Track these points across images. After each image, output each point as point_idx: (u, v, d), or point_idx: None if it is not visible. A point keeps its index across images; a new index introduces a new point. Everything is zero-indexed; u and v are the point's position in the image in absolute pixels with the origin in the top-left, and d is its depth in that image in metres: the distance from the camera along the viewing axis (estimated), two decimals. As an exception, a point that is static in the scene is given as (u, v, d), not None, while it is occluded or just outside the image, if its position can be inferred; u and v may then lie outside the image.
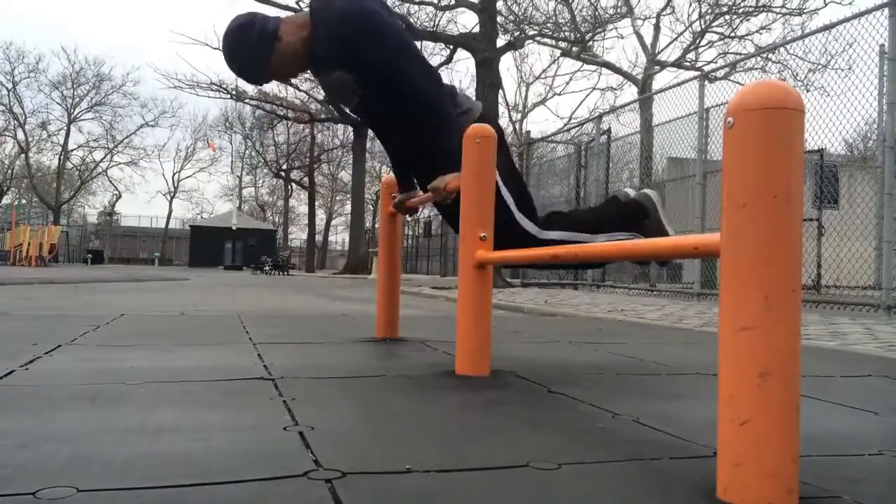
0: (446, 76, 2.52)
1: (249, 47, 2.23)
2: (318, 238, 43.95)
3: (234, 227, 41.63)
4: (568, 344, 3.01)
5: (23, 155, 44.36)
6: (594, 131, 11.09)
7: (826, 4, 17.05)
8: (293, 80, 26.42)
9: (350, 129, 29.06)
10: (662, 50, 21.31)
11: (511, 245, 2.17)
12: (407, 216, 2.93)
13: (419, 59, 2.28)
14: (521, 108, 27.76)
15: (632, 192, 2.54)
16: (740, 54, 19.03)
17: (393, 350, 2.67)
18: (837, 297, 6.84)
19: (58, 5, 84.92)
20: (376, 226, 33.69)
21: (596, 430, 1.39)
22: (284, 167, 40.74)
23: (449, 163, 2.16)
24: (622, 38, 32.84)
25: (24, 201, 48.42)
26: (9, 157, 45.83)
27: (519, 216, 2.30)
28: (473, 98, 2.56)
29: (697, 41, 20.38)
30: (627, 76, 21.73)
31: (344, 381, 1.92)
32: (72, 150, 46.17)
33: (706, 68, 17.02)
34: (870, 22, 6.07)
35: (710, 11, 19.59)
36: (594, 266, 2.70)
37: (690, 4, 21.98)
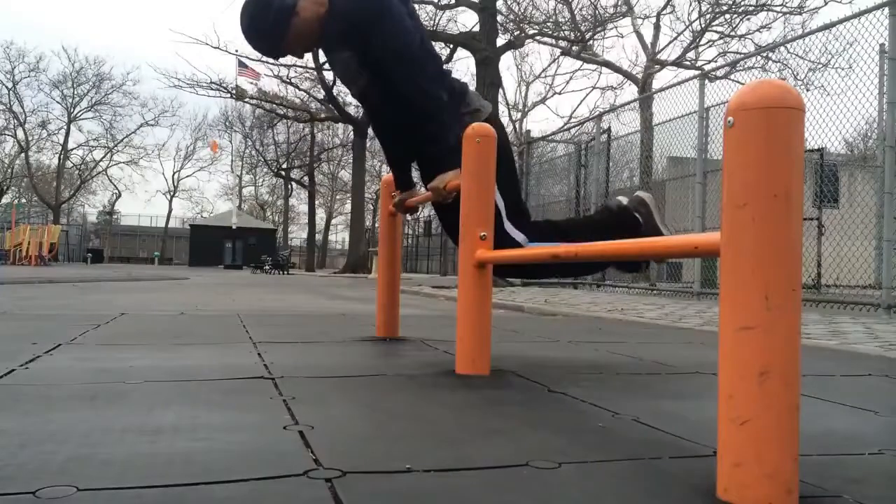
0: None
1: (267, 21, 2.25)
2: (318, 237, 43.97)
3: (233, 227, 41.59)
4: (568, 343, 3.01)
5: (23, 154, 44.36)
6: (594, 130, 11.08)
7: (826, 3, 17.03)
8: (293, 80, 26.45)
9: (350, 128, 29.04)
10: (662, 49, 21.33)
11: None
12: (407, 215, 2.93)
13: (427, 54, 2.28)
14: (521, 107, 27.77)
15: (624, 200, 2.51)
16: (740, 53, 19.03)
17: (393, 349, 2.67)
18: (837, 297, 6.84)
19: (58, 6, 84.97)
20: (376, 225, 33.69)
21: (596, 430, 1.39)
22: (284, 166, 40.74)
23: (448, 161, 2.16)
24: (622, 37, 32.93)
25: (23, 200, 48.43)
26: (9, 156, 45.86)
27: (508, 225, 2.29)
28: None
29: (697, 40, 20.37)
30: (627, 75, 21.73)
31: (344, 381, 1.92)
32: (72, 150, 46.23)
33: (706, 67, 17.04)
34: (870, 21, 6.07)
35: (710, 10, 19.59)
36: (593, 270, 2.65)
37: (690, 3, 21.93)
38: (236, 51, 24.68)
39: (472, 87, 2.52)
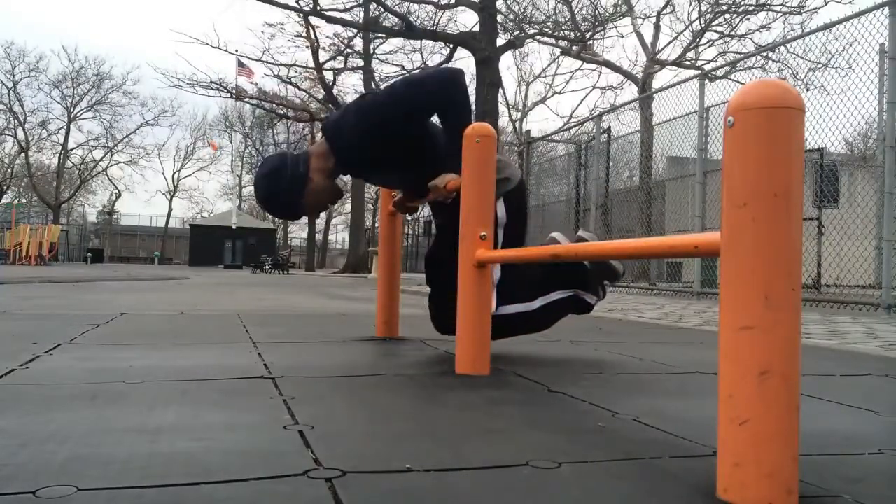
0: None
1: (283, 193, 2.30)
2: (319, 237, 43.95)
3: (233, 226, 41.57)
4: (568, 343, 3.01)
5: (23, 154, 44.37)
6: (594, 130, 11.09)
7: (826, 3, 17.01)
8: (293, 80, 26.45)
9: (350, 128, 28.93)
10: (662, 49, 21.31)
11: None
12: (407, 215, 2.94)
13: (431, 129, 2.34)
14: (521, 107, 27.77)
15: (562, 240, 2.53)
16: (740, 53, 19.01)
17: (393, 349, 2.67)
18: (837, 296, 6.85)
19: (58, 6, 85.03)
20: (376, 225, 33.66)
21: (596, 430, 1.39)
22: (284, 166, 40.65)
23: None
24: (622, 36, 32.90)
25: (23, 200, 48.42)
26: (9, 155, 45.88)
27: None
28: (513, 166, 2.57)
29: (697, 40, 20.35)
30: (627, 75, 21.71)
31: (344, 381, 1.92)
32: (72, 149, 46.26)
33: (706, 67, 17.03)
34: (870, 21, 6.08)
35: (709, 10, 19.58)
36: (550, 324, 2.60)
37: (690, 3, 21.91)
38: (236, 51, 24.70)
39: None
